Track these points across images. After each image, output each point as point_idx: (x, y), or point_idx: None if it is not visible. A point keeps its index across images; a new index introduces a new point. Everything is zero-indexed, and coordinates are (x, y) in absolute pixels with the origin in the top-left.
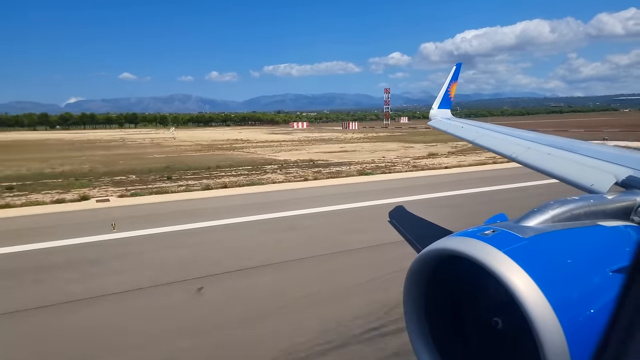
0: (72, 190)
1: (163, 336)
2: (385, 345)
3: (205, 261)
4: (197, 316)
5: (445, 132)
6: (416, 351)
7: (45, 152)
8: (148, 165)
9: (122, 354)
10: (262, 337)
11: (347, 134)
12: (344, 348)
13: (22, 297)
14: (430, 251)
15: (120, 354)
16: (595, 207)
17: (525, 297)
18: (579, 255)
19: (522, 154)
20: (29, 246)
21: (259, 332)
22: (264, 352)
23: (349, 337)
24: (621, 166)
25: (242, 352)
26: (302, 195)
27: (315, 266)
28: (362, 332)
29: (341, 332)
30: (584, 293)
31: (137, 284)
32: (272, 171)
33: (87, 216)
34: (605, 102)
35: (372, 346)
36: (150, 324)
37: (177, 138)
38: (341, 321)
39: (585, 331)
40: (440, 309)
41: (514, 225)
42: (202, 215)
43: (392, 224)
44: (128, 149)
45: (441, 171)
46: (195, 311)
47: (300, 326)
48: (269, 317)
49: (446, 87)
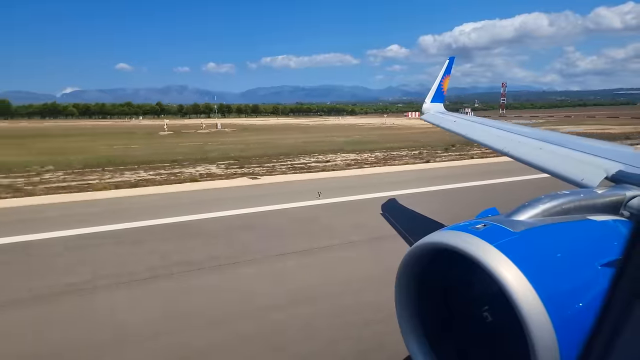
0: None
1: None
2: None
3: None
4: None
5: (438, 126)
6: (408, 344)
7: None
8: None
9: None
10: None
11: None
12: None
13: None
14: (422, 245)
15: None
16: (585, 202)
17: (515, 291)
18: (569, 249)
19: (514, 149)
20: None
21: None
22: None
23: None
24: (611, 161)
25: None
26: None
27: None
28: None
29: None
30: (573, 287)
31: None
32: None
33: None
34: (602, 96)
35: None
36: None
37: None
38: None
39: (573, 324)
40: (432, 303)
41: (505, 220)
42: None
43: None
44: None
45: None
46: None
47: None
48: None
49: (439, 81)
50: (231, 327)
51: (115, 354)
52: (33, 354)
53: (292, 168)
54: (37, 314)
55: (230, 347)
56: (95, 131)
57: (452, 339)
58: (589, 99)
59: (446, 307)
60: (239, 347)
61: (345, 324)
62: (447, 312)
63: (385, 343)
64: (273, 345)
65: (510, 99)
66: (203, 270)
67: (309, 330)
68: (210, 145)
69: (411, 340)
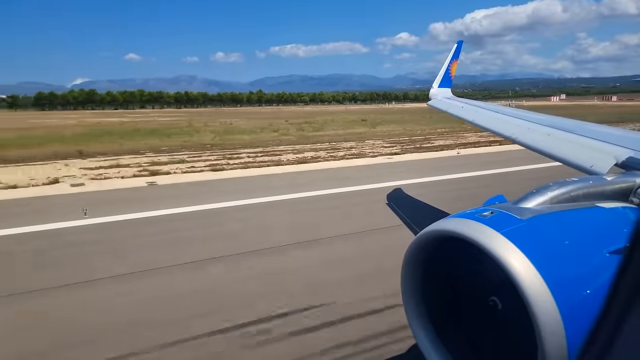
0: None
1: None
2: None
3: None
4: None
5: (446, 112)
6: (414, 332)
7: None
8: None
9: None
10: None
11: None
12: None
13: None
14: (428, 233)
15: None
16: (594, 189)
17: (522, 278)
18: (577, 236)
19: (522, 135)
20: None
21: None
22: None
23: None
24: (621, 147)
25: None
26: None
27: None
28: None
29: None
30: (580, 274)
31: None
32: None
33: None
34: (614, 82)
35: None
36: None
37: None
38: None
39: (581, 311)
40: (438, 291)
41: (513, 207)
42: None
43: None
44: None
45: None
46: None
47: None
48: None
49: (447, 66)
50: None
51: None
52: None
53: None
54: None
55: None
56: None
57: (458, 326)
58: (608, 86)
59: (452, 295)
60: None
61: None
62: (453, 299)
63: None
64: None
65: (519, 86)
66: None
67: None
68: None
69: (417, 327)
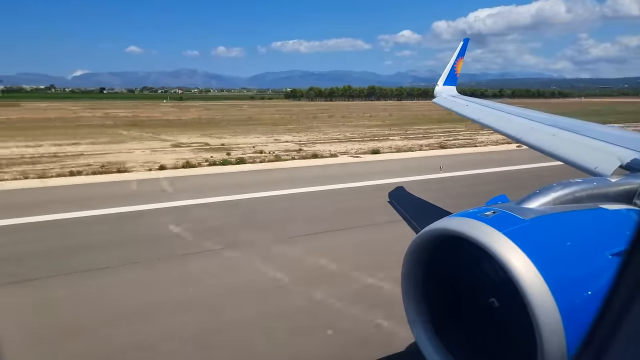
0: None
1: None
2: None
3: None
4: None
5: (450, 110)
6: (414, 331)
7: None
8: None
9: None
10: None
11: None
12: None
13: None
14: (430, 231)
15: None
16: (598, 190)
17: (523, 278)
18: (579, 238)
19: (526, 134)
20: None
21: None
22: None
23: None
24: (626, 148)
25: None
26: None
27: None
28: None
29: None
30: (582, 275)
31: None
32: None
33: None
34: (615, 84)
35: None
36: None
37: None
38: None
39: (581, 312)
40: (438, 289)
41: (515, 207)
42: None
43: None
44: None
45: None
46: None
47: None
48: None
49: (452, 63)
50: None
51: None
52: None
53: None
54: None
55: None
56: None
57: (458, 326)
58: (617, 87)
59: (453, 294)
60: None
61: None
62: (453, 298)
63: None
64: None
65: (519, 86)
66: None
67: None
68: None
69: (417, 326)
